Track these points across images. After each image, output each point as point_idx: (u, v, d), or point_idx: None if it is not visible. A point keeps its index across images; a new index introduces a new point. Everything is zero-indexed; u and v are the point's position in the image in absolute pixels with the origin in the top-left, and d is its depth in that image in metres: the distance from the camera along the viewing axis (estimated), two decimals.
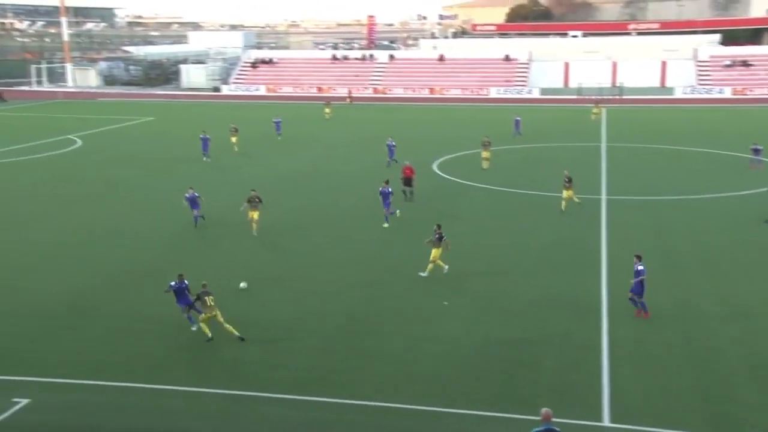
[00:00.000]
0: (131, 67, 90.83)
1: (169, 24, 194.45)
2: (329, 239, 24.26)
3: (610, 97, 68.53)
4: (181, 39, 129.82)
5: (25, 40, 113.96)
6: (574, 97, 70.35)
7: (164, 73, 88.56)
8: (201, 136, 38.80)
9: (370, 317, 18.02)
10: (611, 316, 17.88)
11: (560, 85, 77.40)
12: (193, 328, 16.93)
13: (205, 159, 37.99)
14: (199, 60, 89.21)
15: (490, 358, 15.78)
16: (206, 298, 16.54)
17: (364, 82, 79.48)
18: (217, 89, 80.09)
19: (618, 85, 72.98)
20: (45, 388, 14.46)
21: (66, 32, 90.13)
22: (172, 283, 17.10)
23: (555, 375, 14.99)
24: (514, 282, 20.37)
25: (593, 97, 65.54)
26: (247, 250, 23.35)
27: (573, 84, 75.18)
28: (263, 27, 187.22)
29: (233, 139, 41.09)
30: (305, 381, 14.72)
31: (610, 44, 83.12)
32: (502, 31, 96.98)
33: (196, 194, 25.40)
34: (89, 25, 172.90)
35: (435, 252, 20.60)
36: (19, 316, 17.95)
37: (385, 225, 25.50)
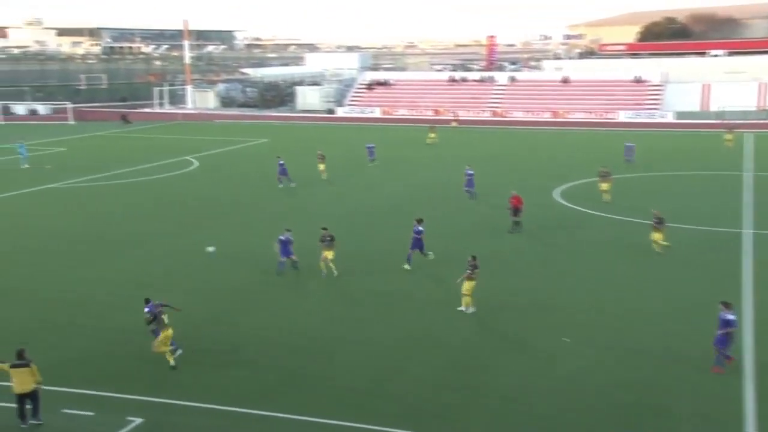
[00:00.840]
0: (248, 89, 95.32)
1: (287, 45, 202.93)
2: (417, 277, 24.13)
3: (757, 121, 64.63)
4: (297, 60, 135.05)
5: (157, 63, 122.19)
6: (714, 121, 67.00)
7: (280, 94, 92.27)
8: (279, 161, 39.29)
9: (483, 350, 17.78)
10: (758, 362, 16.70)
11: (698, 108, 73.98)
12: (175, 357, 16.92)
13: (280, 185, 38.28)
14: (315, 81, 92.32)
15: (613, 400, 15.15)
16: (162, 316, 17.03)
17: (482, 104, 79.37)
18: (331, 111, 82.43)
19: (766, 108, 68.81)
20: (160, 408, 15.12)
21: (188, 55, 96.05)
22: (147, 309, 17.64)
23: (690, 426, 14.15)
24: (638, 320, 19.53)
25: (727, 122, 62.23)
26: (326, 290, 23.67)
27: (713, 107, 71.64)
28: (380, 48, 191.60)
29: (321, 167, 40.90)
30: (416, 415, 14.68)
31: (758, 63, 78.69)
32: (633, 51, 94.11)
33: (291, 238, 23.80)
34: (210, 48, 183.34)
35: (468, 285, 20.22)
36: (139, 333, 19.05)
37: (407, 267, 23.78)
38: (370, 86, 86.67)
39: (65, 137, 62.07)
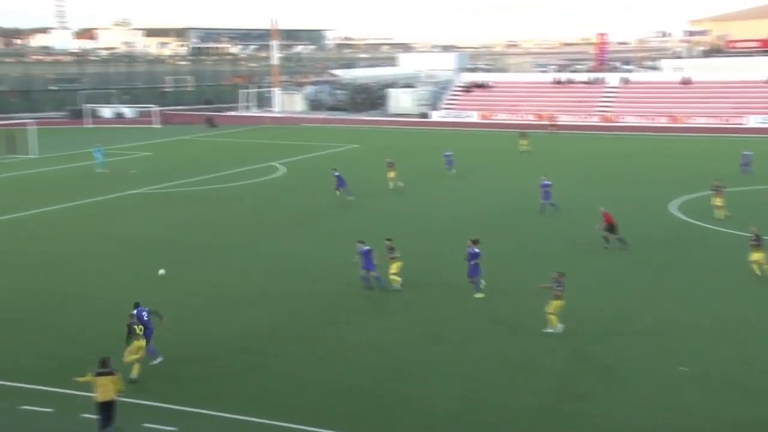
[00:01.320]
0: (337, 92, 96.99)
1: (379, 45, 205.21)
2: (496, 297, 23.85)
3: None
4: (390, 61, 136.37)
5: (244, 64, 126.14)
6: None
7: (371, 97, 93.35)
8: (334, 173, 39.14)
9: (582, 378, 17.52)
10: None
11: None
12: (155, 362, 18.11)
13: (338, 193, 38.37)
14: (408, 84, 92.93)
15: None
16: (135, 327, 17.58)
17: (590, 108, 77.79)
18: (425, 115, 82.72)
19: None
20: (251, 428, 15.62)
21: (275, 56, 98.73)
22: (135, 312, 18.11)
23: None
24: (763, 351, 18.70)
25: None
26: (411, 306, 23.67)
27: None
28: (478, 48, 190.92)
29: (390, 175, 41.04)
30: None
31: None
32: (767, 48, 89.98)
33: (368, 248, 23.68)
34: (298, 48, 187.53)
35: (556, 304, 19.94)
36: (227, 348, 19.58)
37: (479, 295, 22.93)
38: (468, 89, 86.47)
39: (151, 141, 64.98)
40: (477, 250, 22.99)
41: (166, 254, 28.44)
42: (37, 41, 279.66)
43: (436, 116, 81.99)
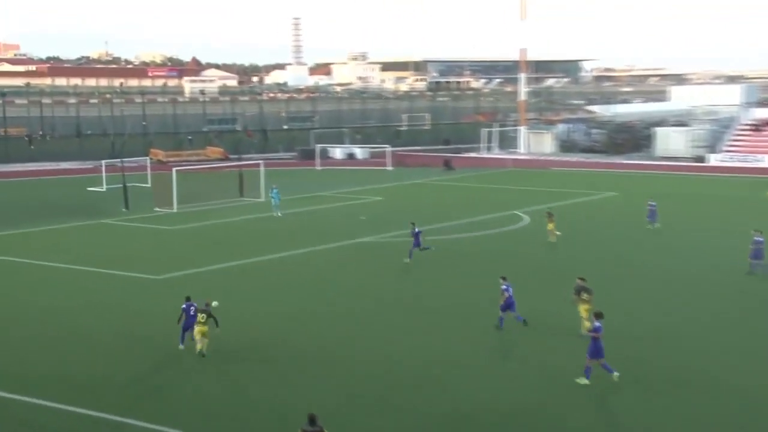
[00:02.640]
0: (594, 131, 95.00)
1: (646, 77, 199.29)
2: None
3: None
4: (659, 96, 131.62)
5: (487, 99, 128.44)
6: None
7: (634, 137, 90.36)
8: (412, 230, 37.71)
9: None
10: None
11: None
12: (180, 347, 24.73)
13: (418, 250, 37.14)
14: (681, 122, 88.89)
15: None
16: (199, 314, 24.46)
17: None
18: (700, 159, 78.48)
19: None
20: None
21: (523, 90, 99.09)
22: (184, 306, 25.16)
23: None
24: None
25: None
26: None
27: None
28: None
29: (549, 227, 41.79)
30: None
31: None
32: None
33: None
34: (550, 82, 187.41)
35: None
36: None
37: (616, 374, 21.56)
38: (758, 127, 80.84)
39: (382, 185, 67.42)
40: (598, 324, 21.69)
41: (393, 313, 28.84)
42: (272, 77, 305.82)
43: (714, 160, 77.43)
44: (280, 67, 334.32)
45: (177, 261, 38.35)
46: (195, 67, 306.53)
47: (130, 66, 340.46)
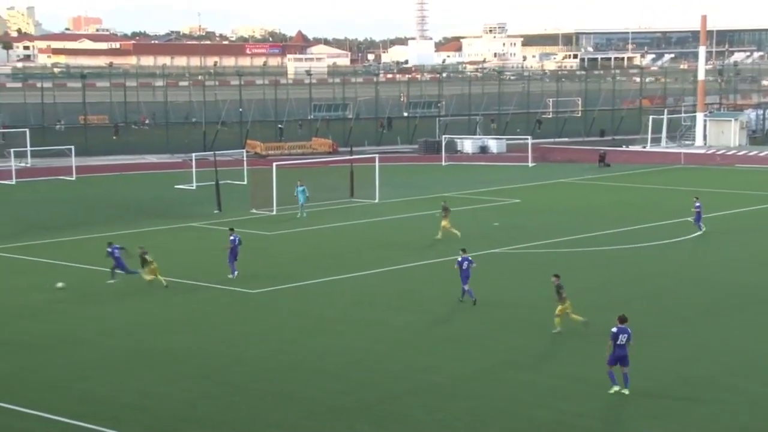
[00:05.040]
0: None
1: None
2: None
3: None
4: None
5: (654, 80, 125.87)
6: None
7: None
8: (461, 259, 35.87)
9: None
10: None
11: None
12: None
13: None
14: None
15: None
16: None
17: None
18: None
19: None
20: None
21: (702, 68, 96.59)
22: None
23: None
24: None
25: None
26: None
27: None
28: None
29: (444, 224, 43.79)
30: None
31: None
32: None
33: None
34: (737, 57, 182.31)
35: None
36: None
37: None
38: None
39: (520, 184, 67.16)
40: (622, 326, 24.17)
41: (525, 342, 28.94)
42: (391, 55, 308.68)
43: None
44: (401, 42, 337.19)
45: (275, 273, 39.38)
46: (300, 43, 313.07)
47: (225, 42, 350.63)
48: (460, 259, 33.33)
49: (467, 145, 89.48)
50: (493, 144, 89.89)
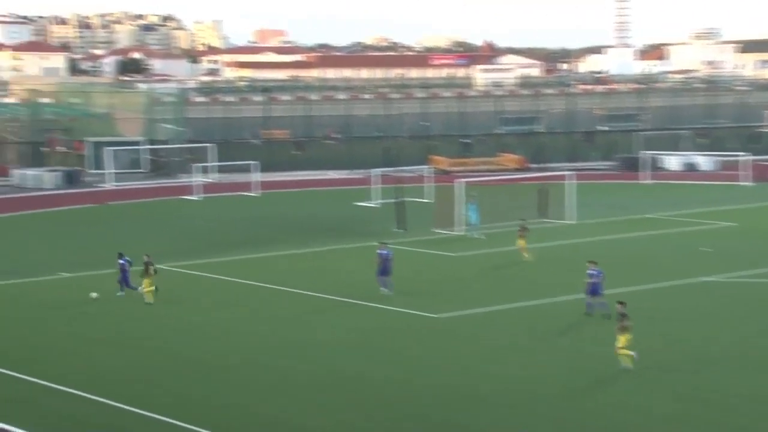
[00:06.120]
0: None
1: None
2: None
3: None
4: None
5: None
6: None
7: None
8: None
9: None
10: None
11: None
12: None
13: None
14: None
15: None
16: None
17: None
18: None
19: None
20: None
21: None
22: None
23: None
24: None
25: None
26: None
27: None
28: None
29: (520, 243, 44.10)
30: None
31: None
32: None
33: None
34: None
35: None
36: None
37: None
38: None
39: (736, 205, 64.27)
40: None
41: None
42: (587, 64, 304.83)
43: None
44: (598, 50, 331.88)
45: (460, 296, 38.97)
46: (489, 53, 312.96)
47: (410, 53, 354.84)
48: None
49: (672, 162, 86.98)
50: (703, 161, 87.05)
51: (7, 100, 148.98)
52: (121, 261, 38.48)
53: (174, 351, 31.46)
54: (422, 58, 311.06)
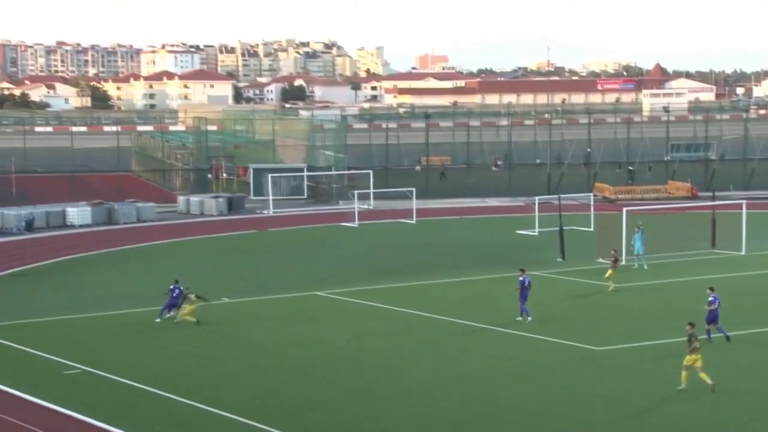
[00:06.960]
0: None
1: None
2: None
3: None
4: None
5: None
6: None
7: None
8: None
9: None
10: None
11: None
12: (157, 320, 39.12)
13: None
14: None
15: None
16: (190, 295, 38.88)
17: None
18: None
19: None
20: None
21: None
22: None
23: None
24: None
25: None
26: None
27: None
28: None
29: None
30: None
31: None
32: None
33: None
34: None
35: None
36: None
37: None
38: None
39: None
40: None
41: None
42: (765, 88, 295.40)
43: None
44: None
45: (623, 328, 38.47)
46: (658, 77, 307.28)
47: (575, 78, 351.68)
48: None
49: None
50: None
51: (175, 127, 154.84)
52: (172, 287, 39.49)
53: (333, 378, 32.23)
54: (588, 83, 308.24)
